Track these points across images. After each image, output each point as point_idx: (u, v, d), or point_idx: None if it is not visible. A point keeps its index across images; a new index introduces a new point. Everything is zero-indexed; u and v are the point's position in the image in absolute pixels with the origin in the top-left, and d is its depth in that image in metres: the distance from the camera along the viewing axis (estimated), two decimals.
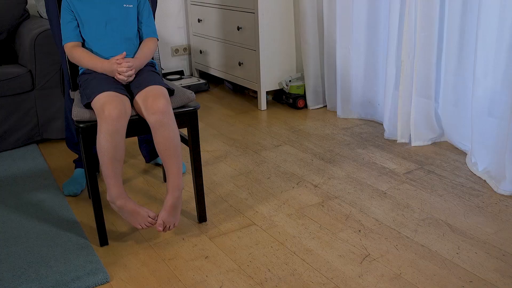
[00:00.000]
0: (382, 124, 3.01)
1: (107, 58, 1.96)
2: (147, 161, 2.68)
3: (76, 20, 1.98)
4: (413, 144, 2.79)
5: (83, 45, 2.00)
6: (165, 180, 2.41)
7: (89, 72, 1.97)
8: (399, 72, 2.80)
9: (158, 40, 2.10)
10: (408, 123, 2.80)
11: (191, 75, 4.32)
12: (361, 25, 3.06)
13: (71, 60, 2.02)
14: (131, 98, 1.88)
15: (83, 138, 1.84)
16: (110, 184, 1.81)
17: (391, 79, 2.85)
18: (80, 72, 2.05)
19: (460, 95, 2.66)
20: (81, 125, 1.83)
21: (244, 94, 3.88)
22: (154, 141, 1.86)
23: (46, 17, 3.22)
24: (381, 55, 3.04)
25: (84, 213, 2.20)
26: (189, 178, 2.44)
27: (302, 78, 3.50)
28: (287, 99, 3.51)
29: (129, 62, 1.90)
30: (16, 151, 2.89)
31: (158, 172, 2.59)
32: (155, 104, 1.80)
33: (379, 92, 3.10)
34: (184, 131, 2.03)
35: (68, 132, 2.47)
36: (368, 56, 3.09)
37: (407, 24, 2.66)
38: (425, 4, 2.59)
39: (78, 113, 1.84)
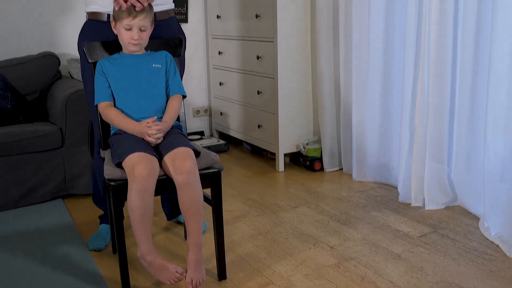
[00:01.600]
0: (397, 188, 3.08)
1: (135, 117, 2.09)
2: (169, 219, 2.77)
3: (108, 81, 2.13)
4: (426, 208, 2.85)
5: (114, 104, 2.14)
6: (186, 238, 2.48)
7: (120, 133, 2.09)
8: (412, 138, 2.90)
9: (185, 96, 2.23)
10: (421, 187, 2.87)
11: (211, 135, 4.46)
12: (376, 92, 3.18)
13: (104, 118, 2.15)
14: (160, 159, 1.99)
15: (113, 195, 1.94)
16: (141, 241, 1.91)
17: (405, 144, 2.95)
18: (111, 133, 2.17)
19: (472, 160, 2.74)
20: (112, 183, 1.94)
21: (263, 155, 3.98)
22: (179, 200, 1.96)
23: (77, 78, 3.41)
24: (395, 120, 3.14)
25: (108, 268, 2.28)
26: (209, 237, 2.51)
27: (319, 141, 3.60)
28: (304, 161, 3.61)
29: (158, 126, 2.03)
30: (43, 205, 3.00)
31: (179, 230, 2.68)
32: (183, 165, 1.92)
33: (393, 157, 3.19)
34: (207, 191, 2.12)
35: (95, 188, 2.58)
36: (383, 121, 3.20)
37: (420, 91, 2.78)
38: (437, 72, 2.72)
39: (109, 172, 1.96)
